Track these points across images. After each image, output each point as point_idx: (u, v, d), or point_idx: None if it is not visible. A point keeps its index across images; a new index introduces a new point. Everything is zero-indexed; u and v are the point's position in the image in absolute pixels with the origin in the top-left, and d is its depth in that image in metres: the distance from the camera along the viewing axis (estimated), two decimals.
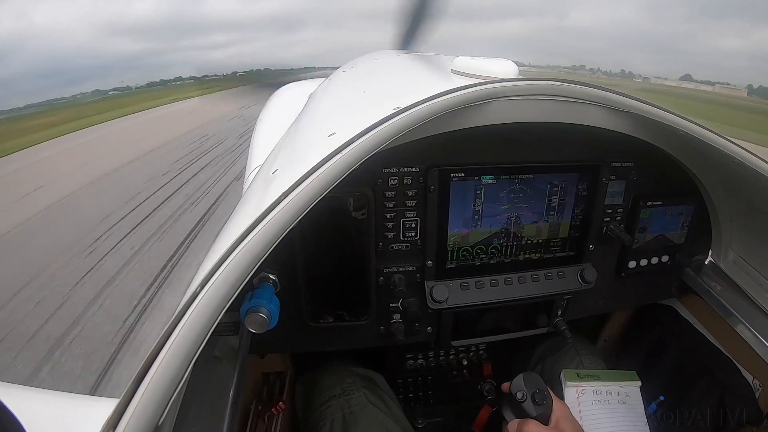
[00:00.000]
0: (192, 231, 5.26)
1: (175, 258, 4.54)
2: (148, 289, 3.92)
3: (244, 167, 2.05)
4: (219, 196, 6.55)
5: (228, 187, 6.98)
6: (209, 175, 7.80)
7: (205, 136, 11.91)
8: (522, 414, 0.88)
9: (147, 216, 5.95)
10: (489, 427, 1.32)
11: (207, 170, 8.26)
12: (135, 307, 3.66)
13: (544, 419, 0.87)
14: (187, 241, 4.95)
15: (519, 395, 0.87)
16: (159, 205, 6.36)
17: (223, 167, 8.37)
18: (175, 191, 7.04)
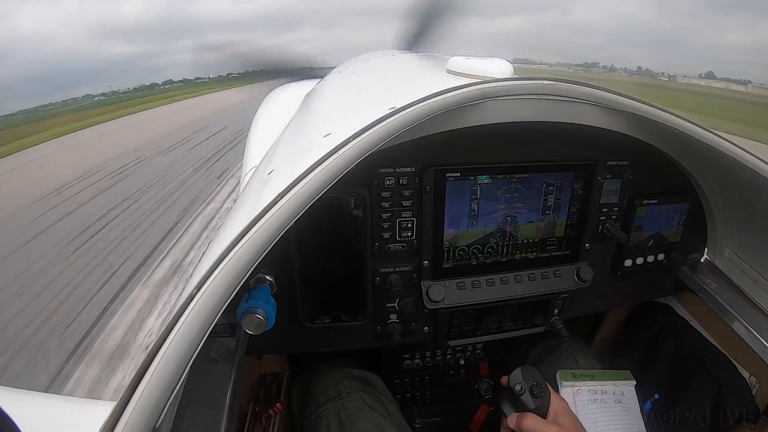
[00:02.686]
0: None
1: None
2: None
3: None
4: None
5: None
6: None
7: None
8: (520, 407, 0.88)
9: None
10: (486, 427, 1.32)
11: None
12: None
13: (542, 412, 0.87)
14: None
15: (517, 388, 0.87)
16: None
17: None
18: None
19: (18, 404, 0.62)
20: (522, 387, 0.87)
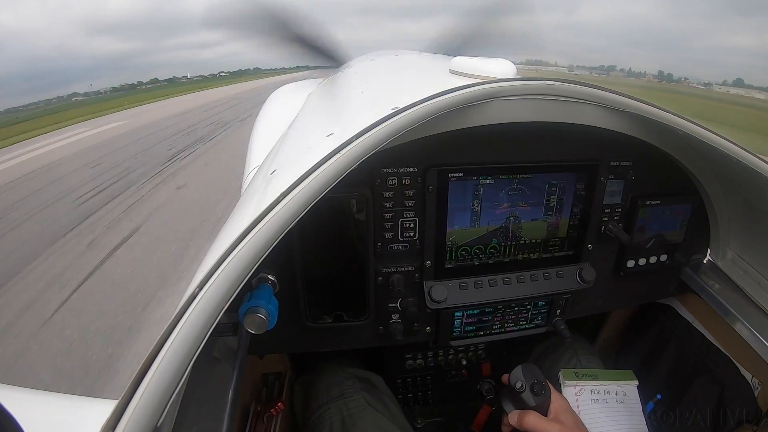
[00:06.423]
0: None
1: None
2: None
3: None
4: None
5: None
6: None
7: None
8: (521, 405, 0.88)
9: None
10: (488, 427, 1.32)
11: None
12: None
13: (543, 410, 0.87)
14: None
15: (518, 386, 0.87)
16: None
17: None
18: None
19: (20, 402, 0.62)
20: (522, 384, 0.87)
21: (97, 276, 4.06)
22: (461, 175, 0.94)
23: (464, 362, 1.46)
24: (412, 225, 0.96)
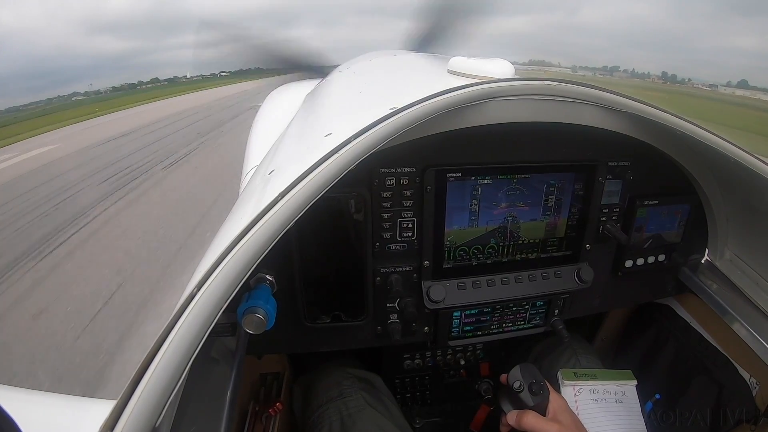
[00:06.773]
0: None
1: None
2: None
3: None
4: None
5: None
6: None
7: None
8: (519, 404, 0.88)
9: None
10: (487, 427, 1.32)
11: None
12: None
13: (541, 410, 0.87)
14: None
15: (516, 385, 0.87)
16: None
17: None
18: None
19: (18, 403, 0.62)
20: (521, 384, 0.87)
21: None
22: (459, 175, 0.94)
23: (463, 362, 1.46)
24: (410, 225, 0.96)
